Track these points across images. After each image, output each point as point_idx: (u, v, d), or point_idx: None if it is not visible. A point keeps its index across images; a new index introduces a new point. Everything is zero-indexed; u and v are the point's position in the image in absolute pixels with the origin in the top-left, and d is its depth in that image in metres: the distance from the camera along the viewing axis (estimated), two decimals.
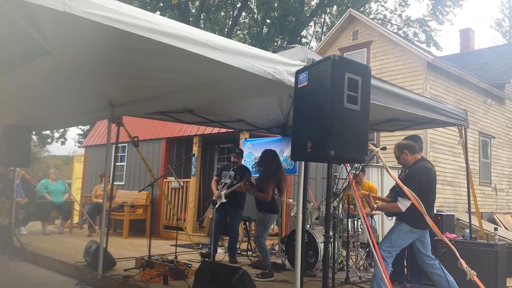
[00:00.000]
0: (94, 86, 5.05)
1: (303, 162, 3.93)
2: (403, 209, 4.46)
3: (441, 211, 6.95)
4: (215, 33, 3.75)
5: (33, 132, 9.12)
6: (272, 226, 7.69)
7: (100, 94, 5.47)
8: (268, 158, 6.25)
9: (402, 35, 27.41)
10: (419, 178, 4.57)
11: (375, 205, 4.79)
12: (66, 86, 4.99)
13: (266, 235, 6.36)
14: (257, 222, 6.37)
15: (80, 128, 32.33)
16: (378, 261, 4.17)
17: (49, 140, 33.37)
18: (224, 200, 6.95)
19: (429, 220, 4.29)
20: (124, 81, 4.75)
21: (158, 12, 26.19)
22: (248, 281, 4.34)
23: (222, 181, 7.23)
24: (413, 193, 4.29)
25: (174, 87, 4.74)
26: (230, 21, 31.09)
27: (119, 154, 12.21)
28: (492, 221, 15.91)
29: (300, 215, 3.85)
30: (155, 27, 2.91)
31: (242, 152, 7.47)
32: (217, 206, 6.91)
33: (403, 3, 31.13)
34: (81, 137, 32.36)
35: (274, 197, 6.39)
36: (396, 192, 4.80)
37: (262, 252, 6.22)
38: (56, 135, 33.51)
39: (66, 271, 6.39)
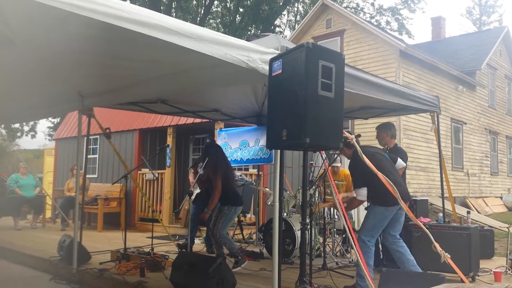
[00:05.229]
0: (62, 76, 4.88)
1: (278, 151, 3.91)
2: (364, 198, 4.52)
3: (415, 196, 7.05)
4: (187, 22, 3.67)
5: (2, 126, 8.87)
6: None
7: (69, 85, 5.30)
8: (208, 152, 6.00)
9: (375, 23, 27.62)
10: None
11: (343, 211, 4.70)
12: (34, 77, 4.83)
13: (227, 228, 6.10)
14: (220, 215, 5.86)
15: (50, 120, 31.82)
16: (355, 248, 4.19)
17: (18, 134, 32.71)
18: (198, 190, 6.85)
19: (402, 204, 4.30)
20: (93, 70, 4.60)
21: (128, 0, 25.72)
22: (225, 270, 4.33)
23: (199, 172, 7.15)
24: (385, 177, 4.28)
25: (146, 77, 4.63)
26: (203, 10, 30.76)
27: (91, 147, 12.00)
28: (465, 205, 16.30)
29: (277, 204, 3.85)
30: (124, 14, 2.83)
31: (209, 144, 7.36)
32: (193, 197, 6.83)
33: None
34: (51, 130, 31.80)
35: (236, 189, 6.15)
36: None
37: (226, 244, 5.83)
38: (26, 128, 32.92)
39: (40, 266, 6.27)
